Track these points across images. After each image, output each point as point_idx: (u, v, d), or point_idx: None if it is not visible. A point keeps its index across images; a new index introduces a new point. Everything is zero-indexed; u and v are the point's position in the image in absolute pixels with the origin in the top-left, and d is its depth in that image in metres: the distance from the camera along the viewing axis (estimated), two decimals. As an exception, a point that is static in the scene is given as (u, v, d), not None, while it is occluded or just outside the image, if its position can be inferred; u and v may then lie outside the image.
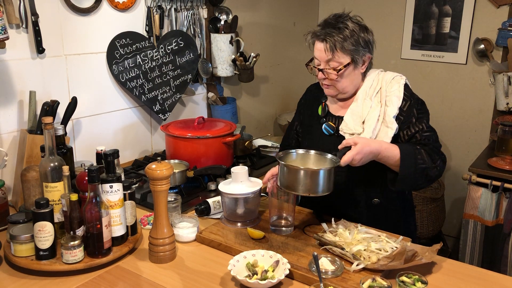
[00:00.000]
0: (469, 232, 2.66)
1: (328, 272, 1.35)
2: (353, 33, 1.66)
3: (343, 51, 1.65)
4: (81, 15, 2.06)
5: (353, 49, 1.66)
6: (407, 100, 1.70)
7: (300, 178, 1.47)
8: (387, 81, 1.73)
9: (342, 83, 1.71)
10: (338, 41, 1.65)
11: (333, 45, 1.65)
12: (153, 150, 2.51)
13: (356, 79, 1.74)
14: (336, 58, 1.66)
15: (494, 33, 2.98)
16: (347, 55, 1.66)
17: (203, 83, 2.72)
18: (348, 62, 1.67)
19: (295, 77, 3.54)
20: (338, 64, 1.67)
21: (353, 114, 1.73)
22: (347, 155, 1.51)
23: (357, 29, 1.67)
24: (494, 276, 1.43)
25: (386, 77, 1.75)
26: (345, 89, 1.73)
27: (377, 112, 1.69)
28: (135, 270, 1.44)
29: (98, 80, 2.19)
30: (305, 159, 1.60)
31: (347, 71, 1.69)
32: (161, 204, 1.44)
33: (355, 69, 1.71)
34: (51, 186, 1.48)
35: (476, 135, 3.22)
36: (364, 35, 1.68)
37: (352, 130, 1.71)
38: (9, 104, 1.88)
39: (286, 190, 1.52)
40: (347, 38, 1.64)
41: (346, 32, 1.65)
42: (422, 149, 1.63)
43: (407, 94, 1.71)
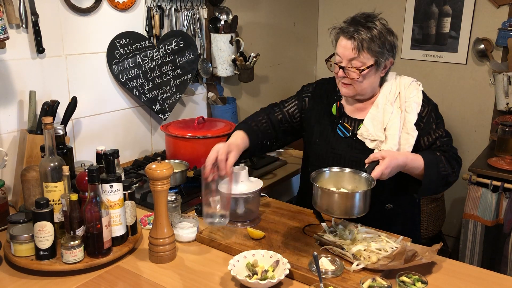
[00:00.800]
0: (469, 232, 2.66)
1: (328, 272, 1.35)
2: (381, 34, 1.62)
3: (369, 52, 1.61)
4: (81, 15, 2.06)
5: (379, 51, 1.62)
6: (426, 106, 1.71)
7: (335, 201, 1.43)
8: (405, 86, 1.72)
9: (362, 85, 1.67)
10: (365, 40, 1.60)
11: (360, 44, 1.61)
12: (153, 150, 2.51)
13: (375, 83, 1.71)
14: (361, 58, 1.62)
15: (494, 33, 2.98)
16: (372, 56, 1.62)
17: (203, 83, 2.72)
18: (372, 63, 1.63)
19: (295, 77, 3.54)
20: (361, 64, 1.63)
21: (374, 119, 1.70)
22: (376, 170, 1.47)
23: (384, 31, 1.64)
24: (494, 276, 1.43)
25: (403, 82, 1.73)
26: (363, 90, 1.69)
27: (398, 119, 1.67)
28: (135, 270, 1.44)
29: (98, 80, 2.19)
30: (339, 177, 1.55)
31: (369, 73, 1.65)
32: (161, 204, 1.44)
33: (376, 72, 1.67)
34: (51, 186, 1.48)
35: (476, 135, 3.22)
36: (391, 39, 1.66)
37: (373, 136, 1.68)
38: (9, 104, 1.88)
39: (322, 212, 1.49)
40: (375, 38, 1.61)
41: (374, 32, 1.61)
42: (443, 156, 1.65)
43: (425, 99, 1.72)
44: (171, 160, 2.10)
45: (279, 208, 1.83)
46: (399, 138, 1.66)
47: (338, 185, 1.55)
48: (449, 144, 1.70)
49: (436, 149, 1.68)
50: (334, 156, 1.76)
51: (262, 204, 1.84)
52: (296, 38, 3.49)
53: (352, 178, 1.55)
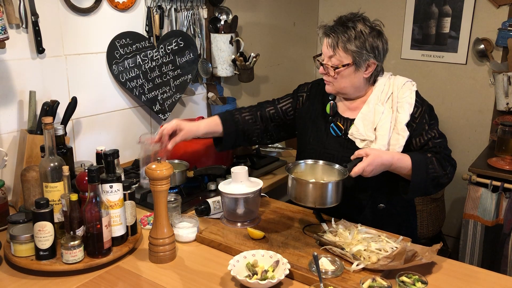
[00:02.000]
0: (469, 232, 2.66)
1: (328, 272, 1.35)
2: (360, 35, 1.63)
3: (344, 51, 1.64)
4: (81, 15, 2.06)
5: (356, 51, 1.64)
6: (419, 106, 1.70)
7: (308, 191, 1.49)
8: (399, 86, 1.72)
9: (340, 83, 1.70)
10: (341, 39, 1.64)
11: (335, 43, 1.64)
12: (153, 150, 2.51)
13: (358, 82, 1.71)
14: (337, 56, 1.65)
15: (494, 33, 2.98)
16: (349, 56, 1.65)
17: (203, 83, 2.72)
18: (348, 62, 1.65)
19: (295, 77, 3.54)
20: (338, 62, 1.66)
21: (365, 119, 1.71)
22: (358, 166, 1.51)
23: (366, 32, 1.65)
24: (494, 276, 1.43)
25: (397, 82, 1.73)
26: (343, 89, 1.72)
27: (389, 119, 1.67)
28: (135, 270, 1.44)
29: (98, 80, 2.19)
30: (314, 170, 1.61)
31: (346, 71, 1.67)
32: (161, 204, 1.44)
33: (356, 72, 1.68)
34: (51, 186, 1.48)
35: (476, 135, 3.22)
36: (373, 40, 1.66)
37: (363, 136, 1.69)
38: (9, 104, 1.88)
39: (295, 201, 1.53)
40: (351, 38, 1.63)
41: (351, 32, 1.63)
42: (434, 157, 1.64)
43: (419, 100, 1.71)
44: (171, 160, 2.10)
45: (279, 208, 1.83)
46: (389, 138, 1.66)
47: (312, 177, 1.59)
48: (443, 145, 1.69)
49: (428, 150, 1.67)
50: (327, 156, 1.75)
51: (262, 204, 1.84)
52: (296, 38, 3.49)
53: (326, 170, 1.60)
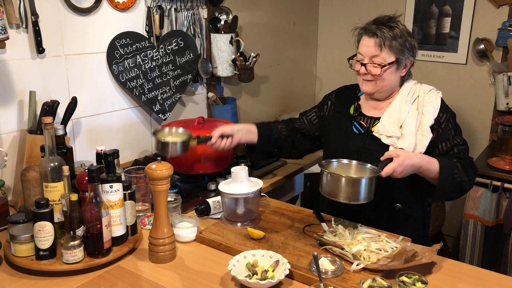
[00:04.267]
0: (469, 232, 2.66)
1: (328, 272, 1.35)
2: (403, 34, 1.71)
3: (390, 49, 1.69)
4: (81, 15, 2.06)
5: (400, 49, 1.70)
6: (444, 112, 1.74)
7: (342, 186, 1.51)
8: (425, 91, 1.76)
9: (383, 81, 1.73)
10: (387, 38, 1.69)
11: (382, 41, 1.69)
12: (153, 150, 2.51)
13: (395, 81, 1.77)
14: (383, 54, 1.70)
15: (494, 33, 2.98)
16: (393, 54, 1.70)
17: (203, 83, 2.72)
18: (393, 60, 1.70)
19: (295, 77, 3.54)
20: (382, 61, 1.70)
21: (391, 117, 1.74)
22: (389, 166, 1.53)
23: (405, 32, 1.72)
24: (494, 276, 1.43)
25: (423, 88, 1.78)
26: (383, 87, 1.75)
27: (414, 119, 1.71)
28: (135, 270, 1.44)
29: (98, 80, 2.19)
30: (347, 168, 1.63)
31: (390, 69, 1.71)
32: (161, 204, 1.44)
33: (396, 71, 1.74)
34: (51, 186, 1.48)
35: (476, 135, 3.22)
36: (411, 39, 1.73)
37: (389, 132, 1.72)
38: (9, 104, 1.88)
39: (328, 197, 1.54)
40: (396, 37, 1.69)
41: (396, 31, 1.70)
42: (459, 163, 1.67)
43: (444, 106, 1.75)
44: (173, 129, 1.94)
45: (279, 208, 1.83)
46: (415, 137, 1.69)
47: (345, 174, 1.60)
48: (466, 152, 1.72)
49: (453, 156, 1.70)
50: (348, 152, 1.78)
51: (262, 204, 1.84)
52: (296, 38, 3.49)
53: (358, 169, 1.62)
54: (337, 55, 3.60)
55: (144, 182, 1.76)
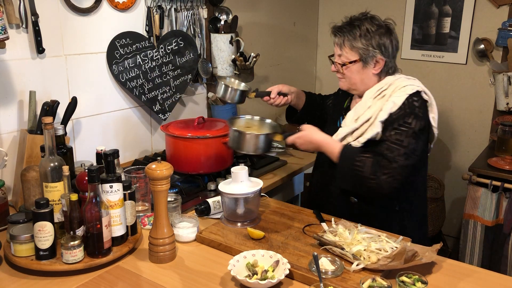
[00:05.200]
0: (469, 232, 2.66)
1: (328, 272, 1.35)
2: (366, 33, 1.74)
3: (351, 48, 1.76)
4: (81, 15, 2.06)
5: (362, 48, 1.74)
6: (402, 109, 1.69)
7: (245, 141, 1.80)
8: (397, 87, 1.74)
9: (351, 79, 1.81)
10: (347, 38, 1.76)
11: (341, 41, 1.77)
12: (153, 150, 2.51)
13: (367, 78, 1.80)
14: (345, 54, 1.78)
15: (494, 33, 2.98)
16: (355, 53, 1.76)
17: (203, 83, 2.72)
18: (355, 59, 1.76)
19: (295, 77, 3.54)
20: (346, 60, 1.78)
21: (355, 111, 1.81)
22: (291, 136, 1.81)
23: (372, 30, 1.74)
24: (494, 276, 1.43)
25: (398, 83, 1.75)
26: (354, 85, 1.82)
27: (371, 113, 1.73)
28: (135, 270, 1.44)
29: (98, 80, 2.19)
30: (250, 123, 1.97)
31: (354, 67, 1.78)
32: (161, 204, 1.44)
33: (365, 68, 1.78)
34: (51, 186, 1.48)
35: (476, 135, 3.22)
36: (379, 38, 1.75)
37: (346, 124, 1.81)
38: (9, 104, 1.88)
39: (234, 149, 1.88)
40: (356, 37, 1.74)
41: (357, 31, 1.74)
42: (371, 159, 1.65)
43: (408, 105, 1.69)
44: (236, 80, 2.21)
45: (279, 208, 1.83)
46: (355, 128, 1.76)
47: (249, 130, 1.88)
48: (395, 153, 1.65)
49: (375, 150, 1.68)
50: None
51: (262, 204, 1.84)
52: (296, 38, 3.49)
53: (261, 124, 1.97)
54: (337, 55, 3.60)
55: (144, 182, 1.76)
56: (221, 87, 2.04)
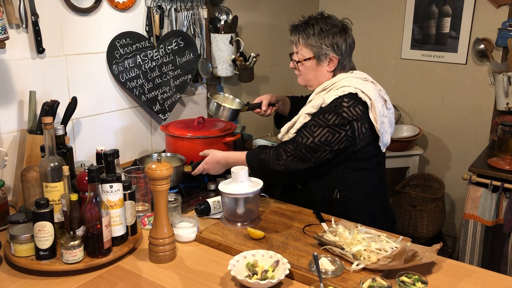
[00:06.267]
0: (469, 232, 2.66)
1: (328, 272, 1.35)
2: (320, 32, 1.82)
3: (305, 46, 1.85)
4: (81, 15, 2.06)
5: (315, 46, 1.83)
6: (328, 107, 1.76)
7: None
8: (336, 86, 1.81)
9: (306, 75, 1.91)
10: (301, 36, 1.85)
11: (296, 39, 1.87)
12: (153, 150, 2.51)
13: (321, 76, 1.89)
14: (300, 51, 1.87)
15: (494, 33, 2.98)
16: (309, 50, 1.85)
17: (203, 83, 2.72)
18: (310, 56, 1.85)
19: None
20: (301, 57, 1.87)
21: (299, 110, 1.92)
22: (198, 167, 1.96)
23: (326, 30, 1.82)
24: (494, 276, 1.43)
25: (341, 83, 1.81)
26: (309, 81, 1.92)
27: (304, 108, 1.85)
28: (135, 270, 1.44)
29: (98, 80, 2.19)
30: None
31: (308, 65, 1.87)
32: (161, 204, 1.44)
33: (319, 65, 1.86)
34: (51, 186, 1.48)
35: (476, 135, 3.22)
36: (333, 37, 1.82)
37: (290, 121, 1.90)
38: (9, 104, 1.88)
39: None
40: (310, 35, 1.83)
41: (310, 30, 1.83)
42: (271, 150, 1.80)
43: (334, 103, 1.76)
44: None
45: (279, 208, 1.83)
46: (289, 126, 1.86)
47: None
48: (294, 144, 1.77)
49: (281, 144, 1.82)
50: None
51: (262, 204, 1.84)
52: (296, 38, 3.49)
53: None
54: (337, 55, 3.60)
55: (144, 182, 1.76)
56: (213, 105, 2.12)
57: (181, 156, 2.08)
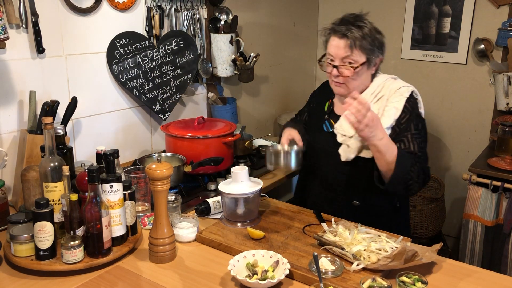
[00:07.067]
0: (469, 232, 2.66)
1: (328, 272, 1.35)
2: (371, 32, 1.69)
3: (361, 49, 1.68)
4: (81, 15, 2.06)
5: (370, 49, 1.69)
6: (407, 113, 1.70)
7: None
8: (392, 90, 1.74)
9: (355, 83, 1.73)
10: (358, 38, 1.67)
11: (353, 42, 1.67)
12: (153, 150, 2.51)
13: (366, 80, 1.77)
14: (353, 56, 1.69)
15: (494, 33, 2.98)
16: (364, 54, 1.69)
17: (203, 83, 2.72)
18: (364, 61, 1.70)
19: (295, 77, 3.54)
20: (353, 62, 1.69)
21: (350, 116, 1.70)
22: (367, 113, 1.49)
23: (373, 30, 1.71)
24: (494, 276, 1.43)
25: (392, 86, 1.75)
26: (355, 88, 1.73)
27: None
28: (135, 270, 1.44)
29: (98, 80, 2.19)
30: None
31: (362, 70, 1.71)
32: (161, 204, 1.44)
33: (367, 70, 1.74)
34: (51, 186, 1.48)
35: (476, 135, 3.22)
36: (379, 37, 1.72)
37: (344, 131, 1.75)
38: (9, 104, 1.88)
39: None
40: (366, 36, 1.68)
41: (365, 31, 1.68)
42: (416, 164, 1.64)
43: (409, 107, 1.71)
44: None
45: (279, 208, 1.83)
46: None
47: None
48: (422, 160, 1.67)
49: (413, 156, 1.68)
50: (317, 149, 1.85)
51: (262, 204, 1.84)
52: (296, 38, 3.49)
53: None
54: (337, 55, 3.60)
55: (144, 182, 1.76)
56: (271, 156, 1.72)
57: (181, 156, 2.08)
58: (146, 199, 1.78)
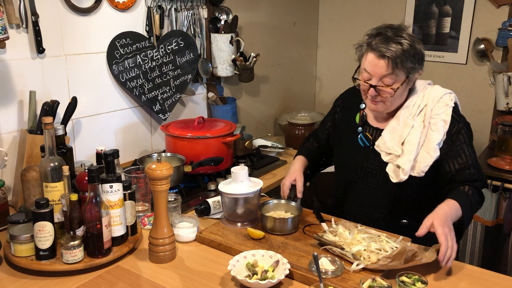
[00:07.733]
0: (469, 232, 2.66)
1: (328, 272, 1.35)
2: (411, 48, 1.56)
3: (403, 68, 1.56)
4: (81, 15, 2.06)
5: (411, 67, 1.58)
6: (455, 123, 1.62)
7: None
8: (434, 99, 1.64)
9: (395, 101, 1.63)
10: (398, 57, 1.54)
11: (394, 62, 1.54)
12: (153, 150, 2.51)
13: (404, 96, 1.67)
14: (394, 76, 1.56)
15: (494, 33, 2.98)
16: (404, 72, 1.57)
17: (203, 83, 2.72)
18: (404, 80, 1.58)
19: (295, 77, 3.54)
20: (393, 81, 1.57)
21: (393, 132, 1.65)
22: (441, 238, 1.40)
23: (413, 43, 1.58)
24: (494, 276, 1.43)
25: (433, 95, 1.66)
26: (393, 106, 1.65)
27: (419, 135, 1.61)
28: (135, 270, 1.44)
29: (98, 80, 2.19)
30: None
31: (402, 88, 1.60)
32: (161, 204, 1.44)
33: (406, 86, 1.63)
34: (51, 186, 1.48)
35: (476, 135, 3.21)
36: (419, 47, 1.60)
37: (390, 149, 1.64)
38: (9, 104, 1.88)
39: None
40: (407, 54, 1.55)
41: (405, 47, 1.55)
42: (470, 191, 1.57)
43: (456, 117, 1.63)
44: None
45: (279, 208, 1.83)
46: (416, 154, 1.60)
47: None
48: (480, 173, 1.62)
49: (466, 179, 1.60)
50: (352, 165, 1.76)
51: (262, 204, 1.83)
52: (296, 38, 3.49)
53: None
54: (337, 55, 3.60)
55: (144, 182, 1.76)
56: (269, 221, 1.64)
57: (181, 156, 2.08)
58: (146, 199, 1.78)
